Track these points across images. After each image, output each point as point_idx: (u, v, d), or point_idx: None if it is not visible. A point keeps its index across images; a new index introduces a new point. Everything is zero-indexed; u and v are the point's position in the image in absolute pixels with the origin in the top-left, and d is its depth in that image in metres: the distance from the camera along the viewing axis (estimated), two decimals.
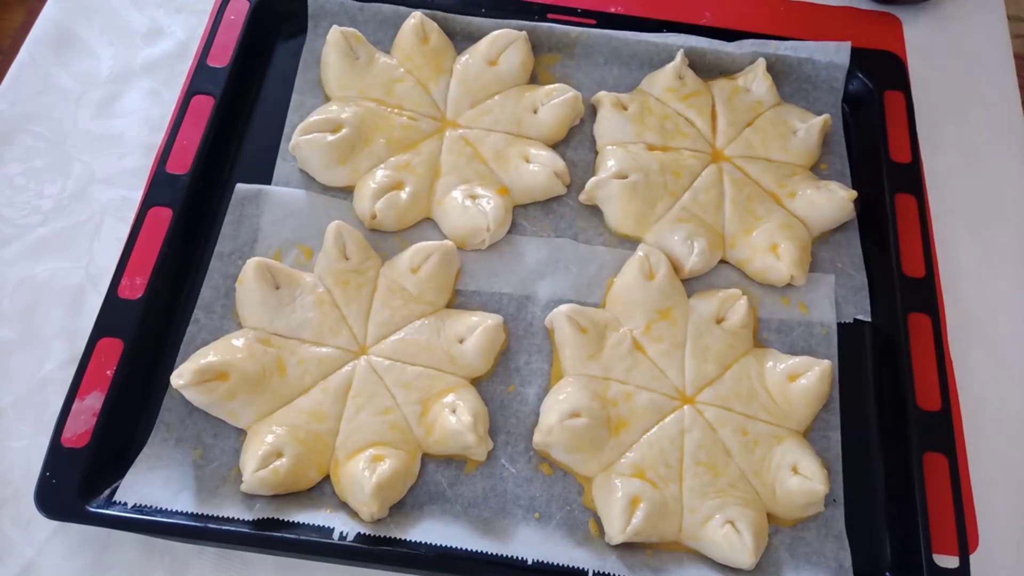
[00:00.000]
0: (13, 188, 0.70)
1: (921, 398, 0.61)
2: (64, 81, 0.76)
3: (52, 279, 0.67)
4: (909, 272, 0.67)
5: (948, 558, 0.56)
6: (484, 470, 0.59)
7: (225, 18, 0.74)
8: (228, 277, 0.64)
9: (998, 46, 0.84)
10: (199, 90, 0.70)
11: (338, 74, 0.71)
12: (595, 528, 0.58)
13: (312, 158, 0.67)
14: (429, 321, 0.63)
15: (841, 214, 0.69)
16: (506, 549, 0.55)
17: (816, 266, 0.68)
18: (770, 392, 0.62)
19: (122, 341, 0.59)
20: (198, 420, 0.59)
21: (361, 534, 0.54)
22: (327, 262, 0.63)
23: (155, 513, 0.55)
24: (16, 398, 0.62)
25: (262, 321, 0.61)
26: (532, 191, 0.69)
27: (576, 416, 0.58)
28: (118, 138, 0.73)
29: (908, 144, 0.72)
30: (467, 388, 0.61)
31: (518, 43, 0.72)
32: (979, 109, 0.80)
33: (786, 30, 0.78)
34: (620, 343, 0.62)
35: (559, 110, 0.70)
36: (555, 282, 0.66)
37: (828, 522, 0.59)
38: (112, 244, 0.68)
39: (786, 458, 0.59)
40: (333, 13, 0.75)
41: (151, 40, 0.79)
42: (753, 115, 0.73)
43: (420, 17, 0.72)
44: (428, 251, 0.63)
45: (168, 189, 0.65)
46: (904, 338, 0.64)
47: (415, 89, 0.71)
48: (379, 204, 0.65)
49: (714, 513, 0.57)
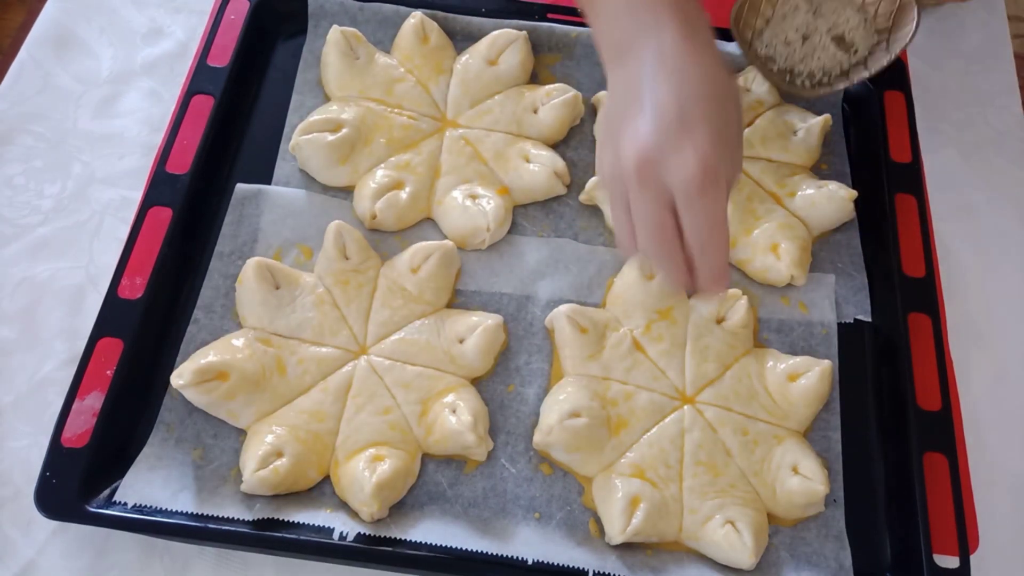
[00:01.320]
0: (13, 188, 0.70)
1: (921, 398, 0.61)
2: (64, 81, 0.76)
3: (52, 279, 0.67)
4: (909, 272, 0.67)
5: (948, 558, 0.56)
6: (484, 470, 0.59)
7: (225, 18, 0.74)
8: (228, 277, 0.64)
9: (998, 46, 0.83)
10: (199, 90, 0.70)
11: (338, 74, 0.71)
12: (595, 528, 0.58)
13: (312, 158, 0.67)
14: (429, 321, 0.63)
15: (841, 214, 0.69)
16: (506, 549, 0.55)
17: (816, 266, 0.68)
18: (770, 392, 0.62)
19: (122, 341, 0.59)
20: (198, 420, 0.59)
21: (361, 534, 0.54)
22: (327, 262, 0.63)
23: (155, 513, 0.55)
24: (16, 398, 0.62)
25: (262, 321, 0.61)
26: (532, 191, 0.69)
27: (576, 416, 0.58)
28: (118, 138, 0.73)
29: (908, 144, 0.72)
30: (467, 388, 0.61)
31: (518, 43, 0.72)
32: (979, 109, 0.80)
33: None
34: (620, 343, 0.62)
35: (559, 110, 0.70)
36: (555, 282, 0.66)
37: (828, 522, 0.59)
38: (112, 244, 0.68)
39: (786, 458, 0.59)
40: (333, 13, 0.75)
41: (151, 40, 0.79)
42: (753, 115, 0.73)
43: (420, 17, 0.73)
44: (428, 251, 0.63)
45: (168, 189, 0.65)
46: (904, 338, 0.64)
47: (415, 89, 0.71)
48: (379, 204, 0.65)
49: (714, 513, 0.57)
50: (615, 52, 0.52)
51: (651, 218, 0.48)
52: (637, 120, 0.47)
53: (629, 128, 0.47)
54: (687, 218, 0.47)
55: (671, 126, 0.46)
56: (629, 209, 0.49)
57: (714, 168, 0.46)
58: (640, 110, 0.47)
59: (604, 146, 0.51)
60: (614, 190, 0.50)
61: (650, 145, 0.46)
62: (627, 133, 0.47)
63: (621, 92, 0.51)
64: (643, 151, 0.46)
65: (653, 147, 0.46)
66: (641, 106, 0.48)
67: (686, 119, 0.46)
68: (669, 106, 0.47)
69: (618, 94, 0.52)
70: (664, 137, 0.46)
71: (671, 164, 0.46)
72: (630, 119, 0.48)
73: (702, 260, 0.49)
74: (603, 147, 0.52)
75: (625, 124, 0.48)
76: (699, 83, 0.48)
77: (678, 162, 0.46)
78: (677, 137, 0.46)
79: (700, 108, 0.47)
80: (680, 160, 0.45)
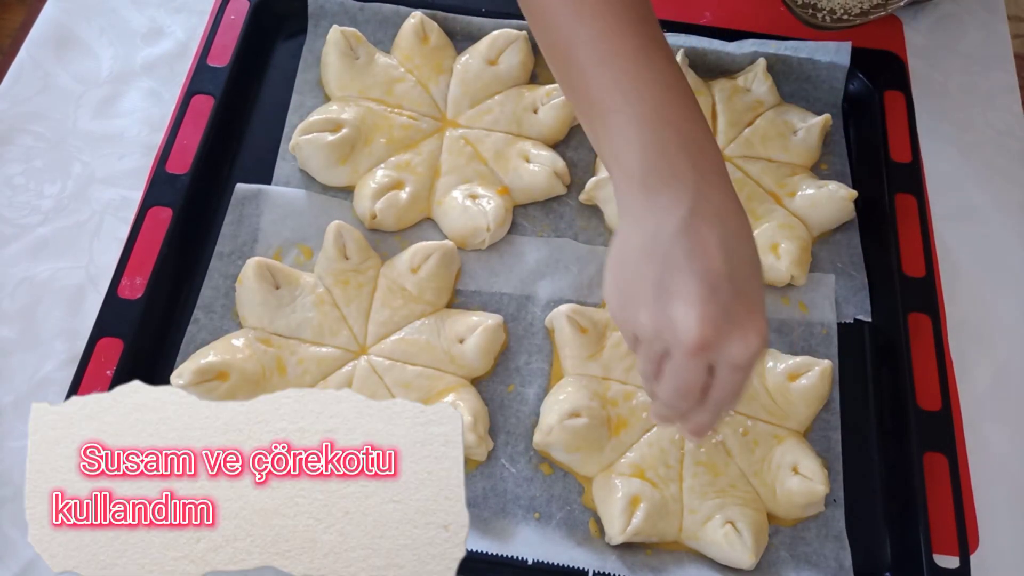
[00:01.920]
0: (13, 188, 0.70)
1: (921, 398, 0.61)
2: (64, 81, 0.76)
3: (52, 279, 0.67)
4: (909, 272, 0.67)
5: (948, 558, 0.56)
6: (484, 470, 0.59)
7: (225, 18, 0.74)
8: (228, 277, 0.64)
9: (998, 46, 0.84)
10: (199, 90, 0.70)
11: (338, 74, 0.71)
12: (595, 528, 0.58)
13: (312, 158, 0.67)
14: (429, 321, 0.63)
15: (841, 214, 0.69)
16: (506, 549, 0.55)
17: (816, 266, 0.68)
18: (770, 392, 0.62)
19: (122, 341, 0.59)
20: None
21: None
22: (327, 262, 0.63)
23: None
24: (16, 398, 0.62)
25: (262, 321, 0.61)
26: (532, 191, 0.69)
27: (576, 416, 0.58)
28: (118, 138, 0.73)
29: (908, 144, 0.72)
30: (467, 388, 0.61)
31: (518, 43, 0.72)
32: (979, 109, 0.80)
33: (786, 30, 0.78)
34: (620, 343, 0.62)
35: (559, 110, 0.70)
36: (555, 282, 0.66)
37: (828, 522, 0.59)
38: (112, 244, 0.68)
39: (786, 458, 0.59)
40: (333, 13, 0.75)
41: (151, 40, 0.79)
42: (753, 115, 0.73)
43: (420, 17, 0.73)
44: (428, 251, 0.63)
45: (168, 189, 0.65)
46: (904, 338, 0.64)
47: (415, 89, 0.71)
48: (379, 204, 0.65)
49: (714, 513, 0.57)
50: (638, 184, 0.47)
51: (691, 384, 0.46)
52: (689, 285, 0.44)
53: (682, 297, 0.44)
54: (723, 385, 0.46)
55: (729, 300, 0.44)
56: (658, 360, 0.47)
57: (767, 343, 0.45)
58: (688, 273, 0.44)
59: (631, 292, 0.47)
60: (651, 347, 0.47)
61: (714, 326, 0.43)
62: (680, 302, 0.44)
63: (652, 231, 0.46)
64: (706, 333, 0.43)
65: (715, 329, 0.43)
66: (690, 265, 0.44)
67: (740, 289, 0.44)
68: (722, 272, 0.44)
69: (648, 232, 0.46)
70: (725, 316, 0.43)
71: (732, 345, 0.44)
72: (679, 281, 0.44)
73: (704, 414, 0.48)
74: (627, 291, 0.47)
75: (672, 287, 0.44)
76: (743, 235, 0.46)
77: (740, 344, 0.44)
78: (736, 314, 0.44)
79: (749, 270, 0.45)
80: (743, 343, 0.44)
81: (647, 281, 0.45)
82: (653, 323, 0.45)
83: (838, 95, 0.76)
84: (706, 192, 0.46)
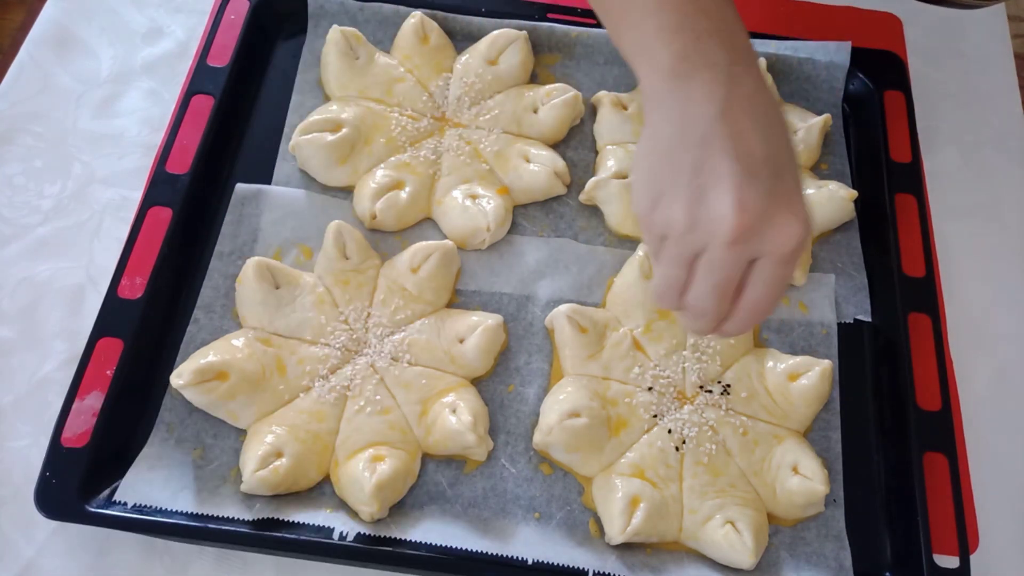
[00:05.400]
0: (13, 188, 0.70)
1: (921, 398, 0.61)
2: (64, 81, 0.76)
3: (52, 279, 0.67)
4: (909, 272, 0.67)
5: (948, 558, 0.56)
6: (484, 470, 0.59)
7: (225, 18, 0.74)
8: (228, 277, 0.64)
9: (998, 46, 0.84)
10: (199, 90, 0.70)
11: (338, 74, 0.71)
12: (595, 528, 0.58)
13: (312, 158, 0.67)
14: (429, 321, 0.63)
15: (841, 214, 0.69)
16: (506, 549, 0.55)
17: (816, 266, 0.68)
18: (770, 392, 0.62)
19: (122, 341, 0.59)
20: (198, 420, 0.59)
21: (361, 534, 0.54)
22: (327, 262, 0.63)
23: (155, 513, 0.55)
24: (16, 398, 0.62)
25: (262, 321, 0.61)
26: (532, 191, 0.69)
27: (576, 416, 0.58)
28: (118, 138, 0.73)
29: (908, 144, 0.72)
30: (467, 388, 0.61)
31: (518, 43, 0.72)
32: (979, 109, 0.80)
33: (786, 30, 0.78)
34: (620, 343, 0.62)
35: (559, 110, 0.70)
36: (555, 282, 0.66)
37: (828, 522, 0.59)
38: (112, 244, 0.68)
39: (786, 458, 0.59)
40: (333, 13, 0.75)
41: (151, 40, 0.79)
42: None
43: (420, 17, 0.73)
44: (428, 251, 0.63)
45: (168, 189, 0.65)
46: (904, 338, 0.64)
47: (415, 89, 0.71)
48: (379, 204, 0.65)
49: (714, 513, 0.57)
50: (667, 73, 0.45)
51: (728, 279, 0.43)
52: (727, 171, 0.42)
53: (720, 183, 0.42)
54: (761, 280, 0.44)
55: (771, 185, 0.42)
56: (689, 262, 0.44)
57: (809, 232, 0.43)
58: (726, 156, 0.42)
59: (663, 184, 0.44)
60: (683, 245, 0.44)
61: (755, 213, 0.41)
62: (719, 188, 0.42)
63: (686, 118, 0.44)
64: (746, 219, 0.41)
65: (756, 216, 0.41)
66: (725, 151, 0.42)
67: (781, 174, 0.42)
68: (760, 156, 0.42)
69: (682, 119, 0.44)
70: (767, 200, 0.41)
71: (774, 232, 0.42)
72: (715, 166, 0.42)
73: (742, 315, 0.45)
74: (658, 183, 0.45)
75: (710, 172, 0.42)
76: (778, 124, 0.44)
77: (783, 232, 0.42)
78: (777, 201, 0.42)
79: (786, 157, 0.44)
80: (786, 231, 0.42)
81: (682, 169, 0.43)
82: (688, 214, 0.43)
83: (838, 95, 0.76)
84: (740, 78, 0.44)
